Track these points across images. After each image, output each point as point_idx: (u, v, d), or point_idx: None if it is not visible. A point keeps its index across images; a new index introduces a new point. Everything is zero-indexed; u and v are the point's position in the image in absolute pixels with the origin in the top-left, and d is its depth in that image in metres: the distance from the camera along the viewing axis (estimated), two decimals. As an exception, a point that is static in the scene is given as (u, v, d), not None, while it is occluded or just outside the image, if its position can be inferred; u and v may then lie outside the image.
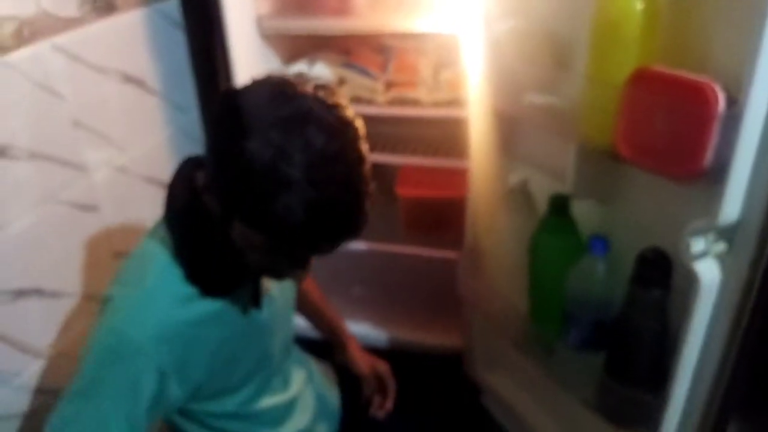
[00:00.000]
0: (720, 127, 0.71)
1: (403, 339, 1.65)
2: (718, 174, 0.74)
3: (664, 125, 0.77)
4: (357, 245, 1.62)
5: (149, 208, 1.46)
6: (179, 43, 1.51)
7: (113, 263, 1.35)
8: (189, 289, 0.86)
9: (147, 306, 0.84)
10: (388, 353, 1.68)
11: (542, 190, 1.12)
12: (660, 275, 0.88)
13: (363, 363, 1.25)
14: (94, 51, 1.23)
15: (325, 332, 1.30)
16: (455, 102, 1.48)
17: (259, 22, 1.47)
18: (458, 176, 1.58)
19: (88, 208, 1.26)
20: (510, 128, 1.18)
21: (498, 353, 1.43)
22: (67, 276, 1.22)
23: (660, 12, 0.80)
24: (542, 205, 1.11)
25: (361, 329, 1.67)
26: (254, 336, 1.00)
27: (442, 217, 1.58)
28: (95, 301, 1.30)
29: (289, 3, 1.47)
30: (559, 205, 1.03)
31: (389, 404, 1.22)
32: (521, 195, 1.11)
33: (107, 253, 1.33)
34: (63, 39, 1.15)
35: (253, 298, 0.97)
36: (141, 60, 1.38)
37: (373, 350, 1.67)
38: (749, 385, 0.84)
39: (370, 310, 1.70)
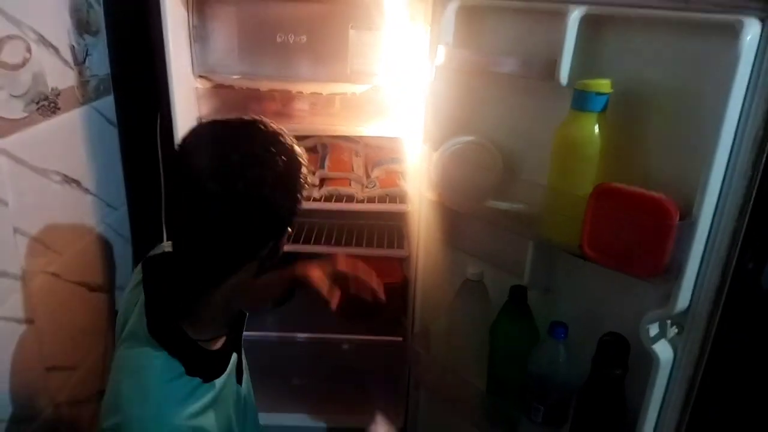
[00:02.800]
0: (676, 235, 0.82)
1: (343, 425, 1.60)
2: (672, 272, 0.85)
3: (627, 233, 0.87)
4: (294, 335, 1.57)
5: (82, 312, 1.30)
6: (113, 139, 1.40)
7: (47, 378, 1.18)
8: (191, 383, 0.83)
9: (160, 422, 0.78)
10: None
11: (494, 280, 1.18)
12: (619, 356, 0.96)
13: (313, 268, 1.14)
14: (36, 152, 1.10)
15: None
16: (386, 197, 1.53)
17: (200, 122, 1.41)
18: (389, 264, 1.61)
19: (24, 320, 1.10)
20: (460, 225, 1.25)
21: (444, 430, 1.43)
22: None
23: (614, 138, 0.91)
24: (494, 294, 1.17)
25: (300, 419, 1.59)
26: (243, 410, 1.00)
27: (376, 303, 1.58)
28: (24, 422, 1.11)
29: (233, 106, 1.44)
30: (518, 295, 1.09)
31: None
32: (477, 285, 1.16)
33: (40, 368, 1.15)
34: (7, 141, 1.02)
35: (237, 373, 0.97)
36: (78, 159, 1.27)
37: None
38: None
39: (309, 398, 1.62)
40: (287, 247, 1.52)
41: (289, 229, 0.87)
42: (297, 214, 0.85)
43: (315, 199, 1.52)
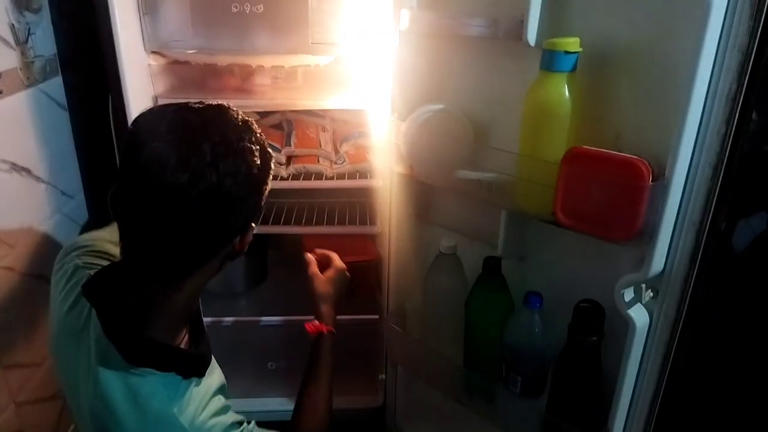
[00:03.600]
0: (649, 196, 0.81)
1: (322, 406, 1.58)
2: (646, 235, 0.84)
3: (600, 196, 0.85)
4: (269, 319, 1.54)
5: (39, 308, 1.25)
6: (64, 124, 1.34)
7: (5, 376, 1.13)
8: (192, 385, 0.81)
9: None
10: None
11: (468, 252, 1.16)
12: (596, 323, 0.95)
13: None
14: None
15: None
16: (356, 173, 1.49)
17: (155, 101, 1.35)
18: (362, 242, 1.59)
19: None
20: (431, 197, 1.22)
21: (424, 409, 1.43)
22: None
23: (585, 100, 0.89)
24: (468, 265, 1.15)
25: (278, 403, 1.57)
26: None
27: (351, 281, 1.56)
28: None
29: (190, 82, 1.38)
30: (492, 266, 1.07)
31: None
32: (451, 258, 1.14)
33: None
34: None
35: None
36: (27, 146, 1.20)
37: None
38: (678, 409, 0.94)
39: (285, 382, 1.60)
40: (257, 230, 1.49)
41: (253, 225, 0.83)
42: (262, 208, 0.82)
43: (283, 178, 1.48)
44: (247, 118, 0.77)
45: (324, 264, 1.21)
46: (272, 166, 0.80)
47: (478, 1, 1.01)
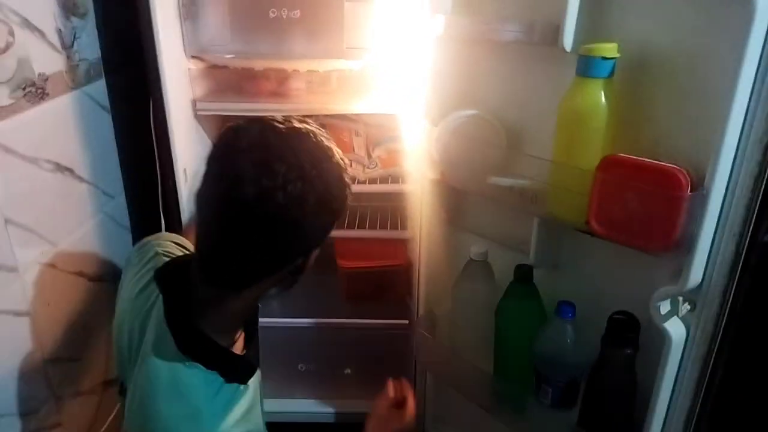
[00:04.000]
0: (687, 207, 0.79)
1: (351, 411, 1.59)
2: (684, 246, 0.82)
3: (636, 206, 0.83)
4: (300, 321, 1.55)
5: (81, 303, 1.29)
6: (106, 126, 1.38)
7: (47, 370, 1.17)
8: (231, 390, 0.83)
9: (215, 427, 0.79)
10: (335, 427, 1.61)
11: (499, 259, 1.15)
12: (630, 336, 0.93)
13: None
14: (25, 140, 1.09)
15: None
16: (388, 178, 1.50)
17: (194, 104, 1.39)
18: (393, 246, 1.59)
19: (21, 313, 1.09)
20: (463, 203, 1.22)
21: (452, 415, 1.42)
22: None
23: (622, 106, 0.87)
24: (499, 273, 1.14)
25: (308, 405, 1.59)
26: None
27: (381, 286, 1.57)
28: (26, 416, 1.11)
29: (227, 86, 1.41)
30: (524, 274, 1.06)
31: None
32: (482, 264, 1.13)
33: (39, 360, 1.15)
34: (-6, 130, 1.00)
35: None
36: (71, 147, 1.24)
37: (320, 425, 1.60)
38: (714, 428, 0.91)
39: (316, 385, 1.62)
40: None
41: (317, 249, 0.85)
42: (329, 234, 0.83)
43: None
44: (327, 144, 0.79)
45: (398, 402, 1.15)
46: (347, 195, 0.82)
47: (514, 6, 1.01)
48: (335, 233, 1.49)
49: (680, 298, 0.88)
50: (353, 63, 1.37)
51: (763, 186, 0.77)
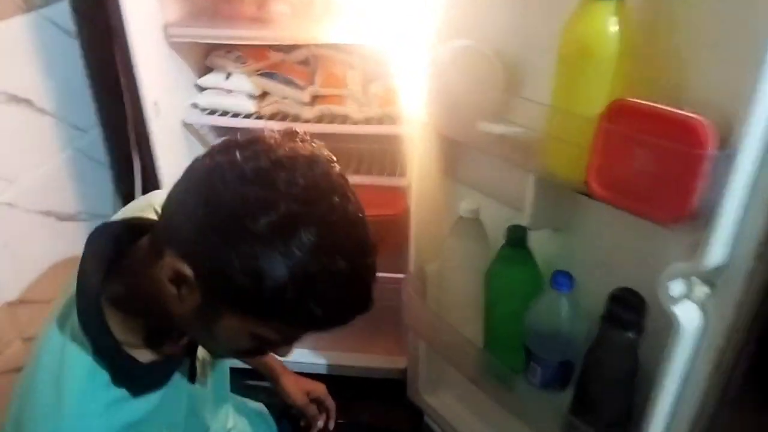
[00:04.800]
0: (710, 168, 0.63)
1: (343, 363, 1.52)
2: (703, 217, 0.66)
3: (646, 164, 0.67)
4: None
5: (47, 245, 1.22)
6: (73, 53, 1.27)
7: (13, 312, 1.12)
8: (116, 393, 0.67)
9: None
10: (328, 378, 1.54)
11: (495, 217, 1.01)
12: (633, 317, 0.79)
13: (297, 393, 1.13)
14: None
15: (254, 365, 1.14)
16: (386, 118, 1.34)
17: (166, 30, 1.25)
18: (391, 194, 1.46)
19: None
20: (456, 151, 1.07)
21: (444, 377, 1.32)
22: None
23: (637, 37, 0.69)
24: (495, 232, 1.00)
25: (298, 355, 1.52)
26: (193, 409, 0.84)
27: (378, 236, 1.44)
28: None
29: (201, 9, 1.26)
30: (517, 237, 0.92)
31: (331, 424, 1.15)
32: (472, 223, 0.99)
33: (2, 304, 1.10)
34: None
35: (190, 374, 0.80)
36: (27, 76, 1.14)
37: (313, 376, 1.53)
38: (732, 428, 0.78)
39: (334, 336, 1.54)
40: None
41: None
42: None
43: (306, 120, 1.36)
44: (346, 187, 0.62)
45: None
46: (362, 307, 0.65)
47: None
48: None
49: (695, 279, 0.72)
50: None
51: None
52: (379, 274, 1.46)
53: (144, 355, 0.70)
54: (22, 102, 1.12)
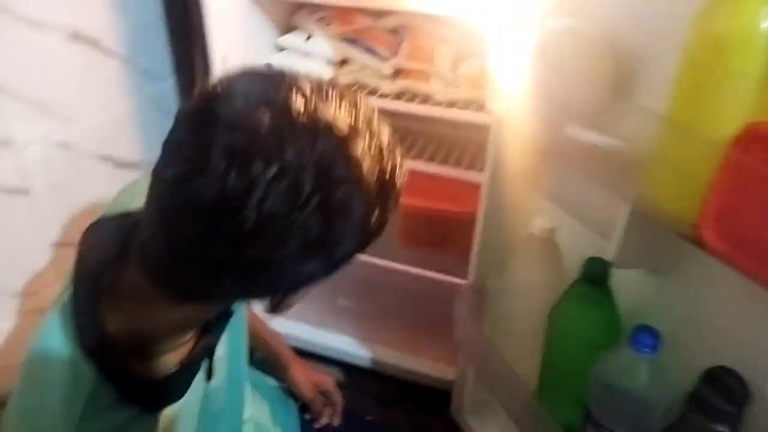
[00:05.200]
0: None
1: (389, 361, 1.40)
2: None
3: (788, 218, 0.48)
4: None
5: (100, 190, 1.19)
6: (150, -5, 1.21)
7: (54, 254, 1.10)
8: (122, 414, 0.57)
9: None
10: (369, 373, 1.45)
11: (575, 239, 0.84)
12: (730, 408, 0.61)
13: (306, 384, 1.04)
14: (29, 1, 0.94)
15: (263, 354, 1.06)
16: (474, 103, 1.18)
17: (249, -20, 1.16)
18: (469, 189, 1.29)
19: (13, 191, 1.00)
20: (539, 155, 0.89)
21: (493, 402, 1.17)
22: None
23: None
24: (573, 257, 0.83)
25: (342, 342, 1.43)
26: (207, 407, 0.72)
27: (444, 234, 1.30)
28: (27, 298, 1.05)
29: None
30: (596, 274, 0.75)
31: (336, 419, 1.06)
32: (546, 243, 0.83)
33: (42, 243, 1.08)
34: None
35: (207, 374, 0.70)
36: (94, 13, 1.08)
37: (355, 369, 1.44)
38: None
39: (353, 324, 1.44)
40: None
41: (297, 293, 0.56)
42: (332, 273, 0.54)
43: (383, 95, 1.23)
44: (351, 147, 0.47)
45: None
46: (370, 237, 0.52)
47: None
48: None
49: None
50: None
51: None
52: (442, 276, 1.33)
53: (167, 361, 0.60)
54: (87, 41, 1.08)
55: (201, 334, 0.65)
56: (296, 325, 1.46)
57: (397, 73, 1.24)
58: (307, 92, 0.47)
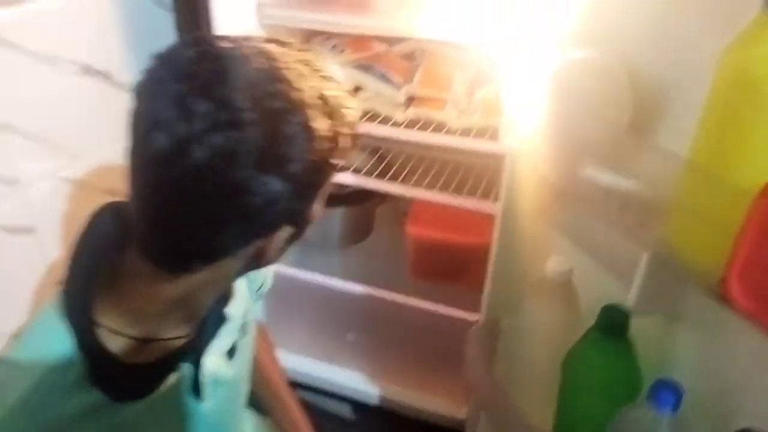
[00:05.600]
0: None
1: (397, 399, 1.35)
2: None
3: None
4: (354, 287, 1.31)
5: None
6: (164, 26, 1.20)
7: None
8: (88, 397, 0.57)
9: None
10: (378, 411, 1.40)
11: (592, 279, 0.78)
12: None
13: None
14: (36, 35, 0.93)
15: (278, 422, 0.98)
16: (489, 130, 1.14)
17: (260, 10, 1.14)
18: (482, 221, 1.25)
19: (19, 229, 0.99)
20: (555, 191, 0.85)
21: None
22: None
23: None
24: (589, 300, 0.78)
25: (350, 380, 1.38)
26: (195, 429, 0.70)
27: (457, 266, 1.26)
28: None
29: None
30: (613, 321, 0.70)
31: None
32: (561, 287, 0.78)
33: (48, 282, 1.06)
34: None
35: (194, 386, 0.66)
36: (106, 46, 1.08)
37: (366, 407, 1.39)
38: None
39: (363, 360, 1.39)
40: (356, 182, 1.24)
41: (289, 230, 0.59)
42: (302, 211, 0.58)
43: (396, 124, 1.20)
44: (290, 72, 0.53)
45: None
46: (321, 148, 0.54)
47: None
48: (408, 190, 1.23)
49: None
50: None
51: None
52: (454, 311, 1.29)
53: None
54: (98, 74, 1.07)
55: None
56: (304, 360, 1.42)
57: (411, 101, 1.21)
58: (239, 40, 0.54)
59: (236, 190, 0.52)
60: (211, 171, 0.50)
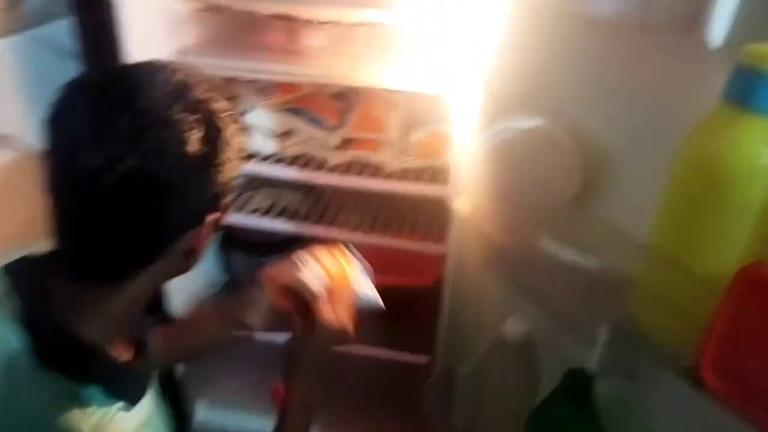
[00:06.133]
0: None
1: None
2: None
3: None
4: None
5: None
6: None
7: None
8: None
9: None
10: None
11: (551, 335, 0.78)
12: None
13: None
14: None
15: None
16: (426, 172, 1.13)
17: (179, 58, 1.06)
18: (425, 261, 1.23)
19: None
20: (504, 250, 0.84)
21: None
22: None
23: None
24: (551, 360, 0.78)
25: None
26: None
27: (401, 308, 1.22)
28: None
29: (221, 36, 1.07)
30: (577, 387, 0.69)
31: None
32: (519, 349, 0.77)
33: None
34: None
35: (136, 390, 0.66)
36: (10, 109, 0.97)
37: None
38: None
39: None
40: (289, 228, 1.19)
41: (212, 218, 0.64)
42: (223, 197, 0.64)
43: (331, 169, 1.16)
44: (185, 79, 0.60)
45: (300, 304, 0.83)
46: (229, 139, 0.62)
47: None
48: (348, 235, 1.19)
49: None
50: (388, 15, 0.98)
51: None
52: (400, 354, 1.25)
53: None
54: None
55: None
56: (235, 414, 1.36)
57: (346, 143, 1.17)
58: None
59: (166, 186, 0.57)
60: (141, 172, 0.54)
